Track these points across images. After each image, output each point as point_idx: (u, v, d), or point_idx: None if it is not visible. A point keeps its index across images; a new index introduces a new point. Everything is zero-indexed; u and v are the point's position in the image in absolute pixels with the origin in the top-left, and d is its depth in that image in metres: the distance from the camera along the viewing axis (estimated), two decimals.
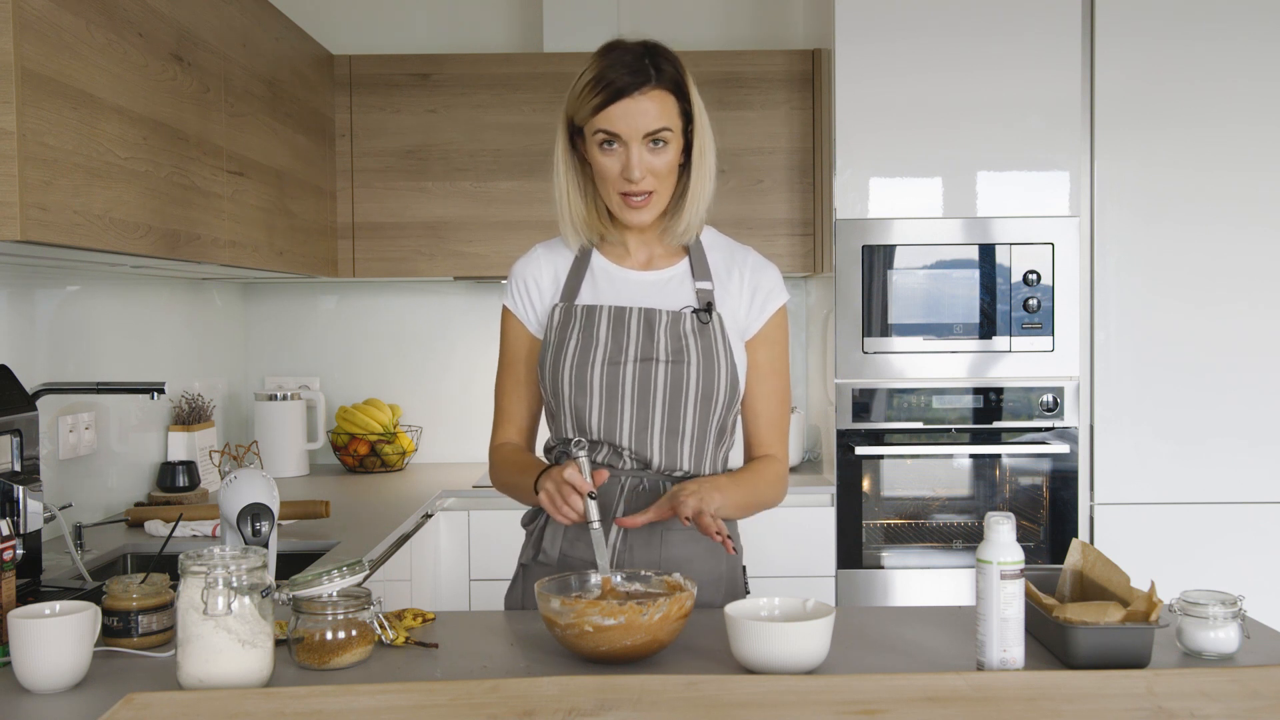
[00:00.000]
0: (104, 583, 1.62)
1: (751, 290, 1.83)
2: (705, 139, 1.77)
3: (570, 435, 1.78)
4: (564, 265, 1.84)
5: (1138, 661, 1.44)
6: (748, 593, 1.88)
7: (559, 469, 1.65)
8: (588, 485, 1.61)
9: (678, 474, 1.78)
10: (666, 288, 1.81)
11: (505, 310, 1.88)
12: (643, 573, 1.62)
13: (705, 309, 1.78)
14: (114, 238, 2.01)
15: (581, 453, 1.64)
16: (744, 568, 1.90)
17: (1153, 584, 1.48)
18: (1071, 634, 1.44)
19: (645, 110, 1.68)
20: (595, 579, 1.61)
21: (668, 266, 1.83)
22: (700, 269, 1.82)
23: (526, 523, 1.87)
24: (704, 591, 1.78)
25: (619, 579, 1.62)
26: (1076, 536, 3.21)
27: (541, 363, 1.81)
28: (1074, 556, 1.64)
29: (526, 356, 1.86)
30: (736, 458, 1.90)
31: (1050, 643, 1.50)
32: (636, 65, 1.68)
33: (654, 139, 1.70)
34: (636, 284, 1.81)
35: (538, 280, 1.84)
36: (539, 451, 1.89)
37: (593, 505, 1.62)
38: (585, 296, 1.81)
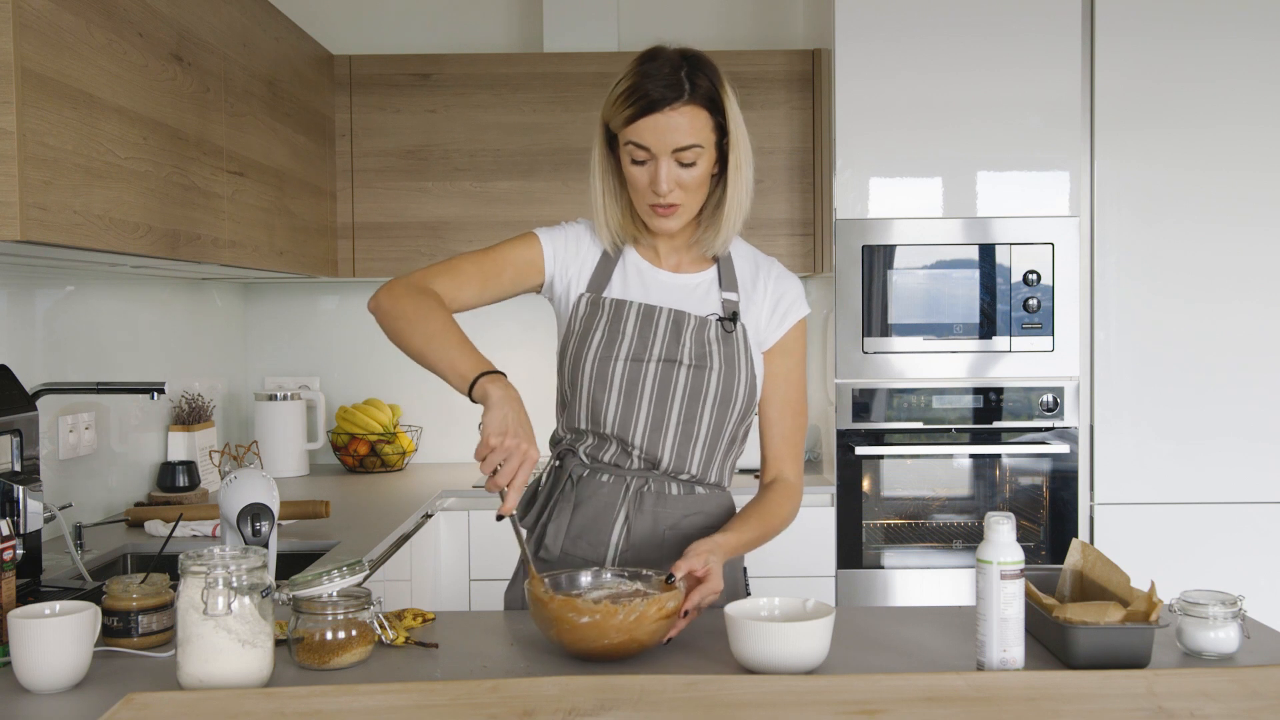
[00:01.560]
0: (104, 583, 1.62)
1: (774, 301, 1.83)
2: (742, 153, 1.74)
3: (583, 426, 1.78)
4: (599, 249, 1.83)
5: (1138, 661, 1.44)
6: (748, 593, 1.88)
7: (528, 444, 1.51)
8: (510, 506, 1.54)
9: (683, 476, 1.79)
10: (694, 293, 1.81)
11: (532, 234, 1.82)
12: (644, 572, 1.62)
13: (731, 318, 1.78)
14: (114, 238, 2.01)
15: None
16: (744, 569, 1.90)
17: (1153, 584, 1.48)
18: (1071, 634, 1.44)
19: (676, 126, 1.66)
20: (586, 577, 1.61)
21: (696, 272, 1.83)
22: (728, 278, 1.82)
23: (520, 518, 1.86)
24: None
25: (608, 576, 1.62)
26: (1076, 536, 3.21)
27: (563, 351, 1.81)
28: (1074, 556, 1.64)
29: (516, 265, 1.80)
30: (747, 459, 1.90)
31: (1050, 643, 1.50)
32: (671, 79, 1.66)
33: (683, 154, 1.68)
34: (666, 285, 1.81)
35: (580, 241, 1.83)
36: (543, 445, 1.85)
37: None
38: (615, 289, 1.80)
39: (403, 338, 1.68)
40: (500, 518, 1.53)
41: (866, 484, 3.23)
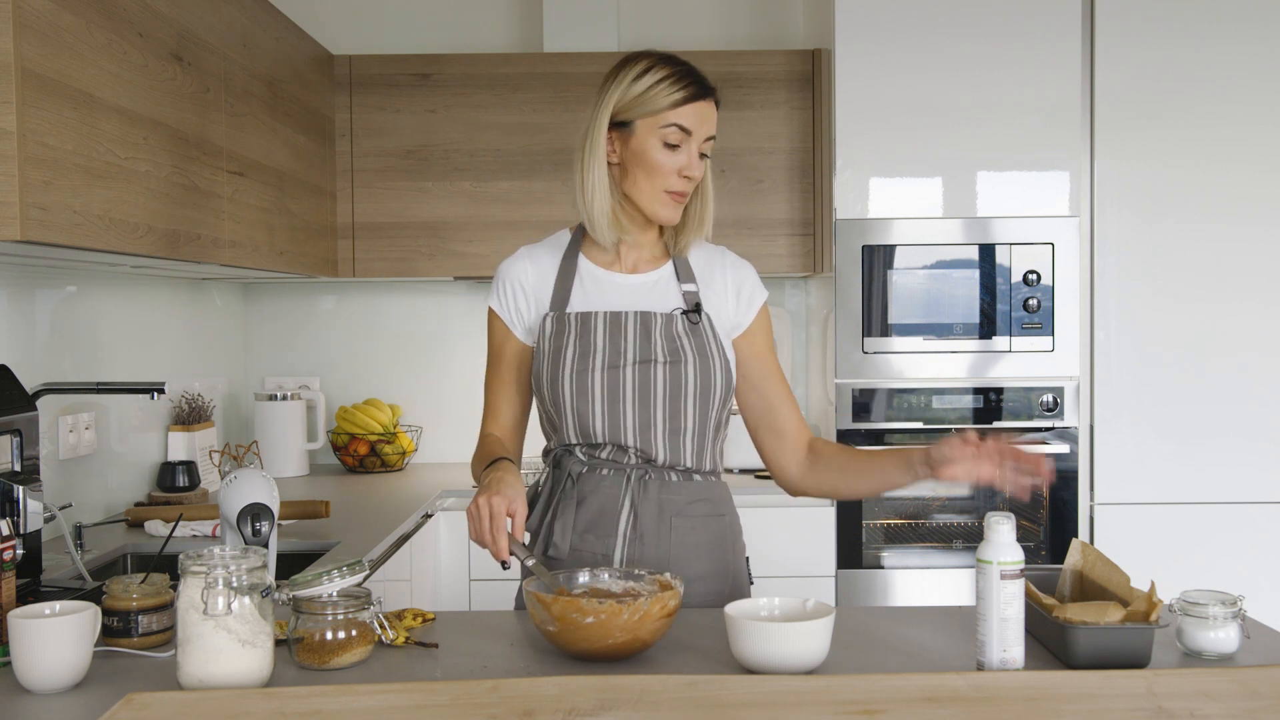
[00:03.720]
0: (104, 583, 1.62)
1: (736, 289, 1.86)
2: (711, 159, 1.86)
3: (574, 440, 1.79)
4: (550, 270, 1.85)
5: (1138, 661, 1.44)
6: (752, 582, 1.89)
7: (497, 494, 1.56)
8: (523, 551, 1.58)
9: (679, 468, 1.80)
10: (654, 290, 1.83)
11: (491, 311, 1.89)
12: (636, 571, 1.62)
13: (694, 310, 1.80)
14: (114, 238, 2.01)
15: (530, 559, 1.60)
16: (747, 559, 1.91)
17: (1153, 584, 1.48)
18: (1071, 634, 1.44)
19: (712, 117, 1.78)
20: (584, 578, 1.62)
21: (652, 270, 1.86)
22: (684, 271, 1.85)
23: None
24: (709, 580, 1.80)
25: (606, 576, 1.63)
26: (1076, 536, 3.21)
27: (538, 373, 1.82)
28: (1074, 556, 1.64)
29: (511, 358, 1.87)
30: (741, 460, 1.90)
31: (1050, 643, 1.50)
32: (701, 76, 1.77)
33: (706, 145, 1.78)
34: (625, 287, 1.83)
35: (523, 284, 1.85)
36: (536, 459, 1.90)
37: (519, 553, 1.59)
38: (576, 303, 1.82)
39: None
40: (505, 565, 1.58)
41: None
